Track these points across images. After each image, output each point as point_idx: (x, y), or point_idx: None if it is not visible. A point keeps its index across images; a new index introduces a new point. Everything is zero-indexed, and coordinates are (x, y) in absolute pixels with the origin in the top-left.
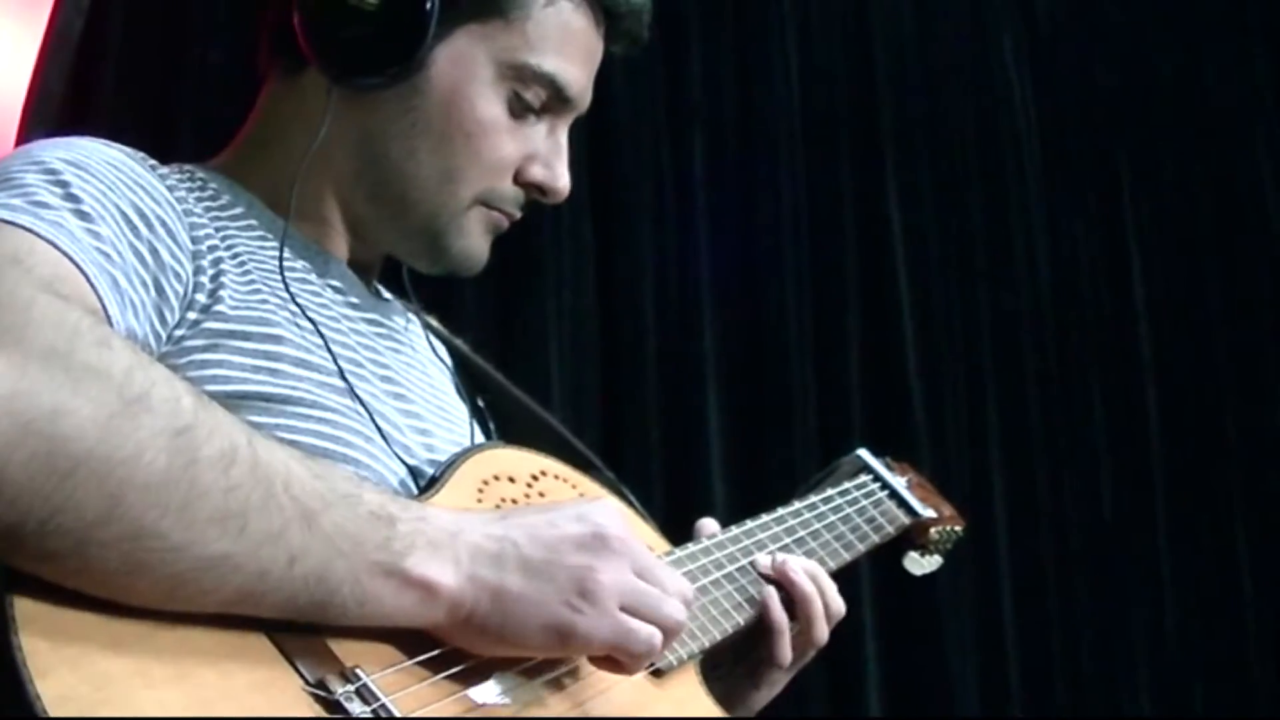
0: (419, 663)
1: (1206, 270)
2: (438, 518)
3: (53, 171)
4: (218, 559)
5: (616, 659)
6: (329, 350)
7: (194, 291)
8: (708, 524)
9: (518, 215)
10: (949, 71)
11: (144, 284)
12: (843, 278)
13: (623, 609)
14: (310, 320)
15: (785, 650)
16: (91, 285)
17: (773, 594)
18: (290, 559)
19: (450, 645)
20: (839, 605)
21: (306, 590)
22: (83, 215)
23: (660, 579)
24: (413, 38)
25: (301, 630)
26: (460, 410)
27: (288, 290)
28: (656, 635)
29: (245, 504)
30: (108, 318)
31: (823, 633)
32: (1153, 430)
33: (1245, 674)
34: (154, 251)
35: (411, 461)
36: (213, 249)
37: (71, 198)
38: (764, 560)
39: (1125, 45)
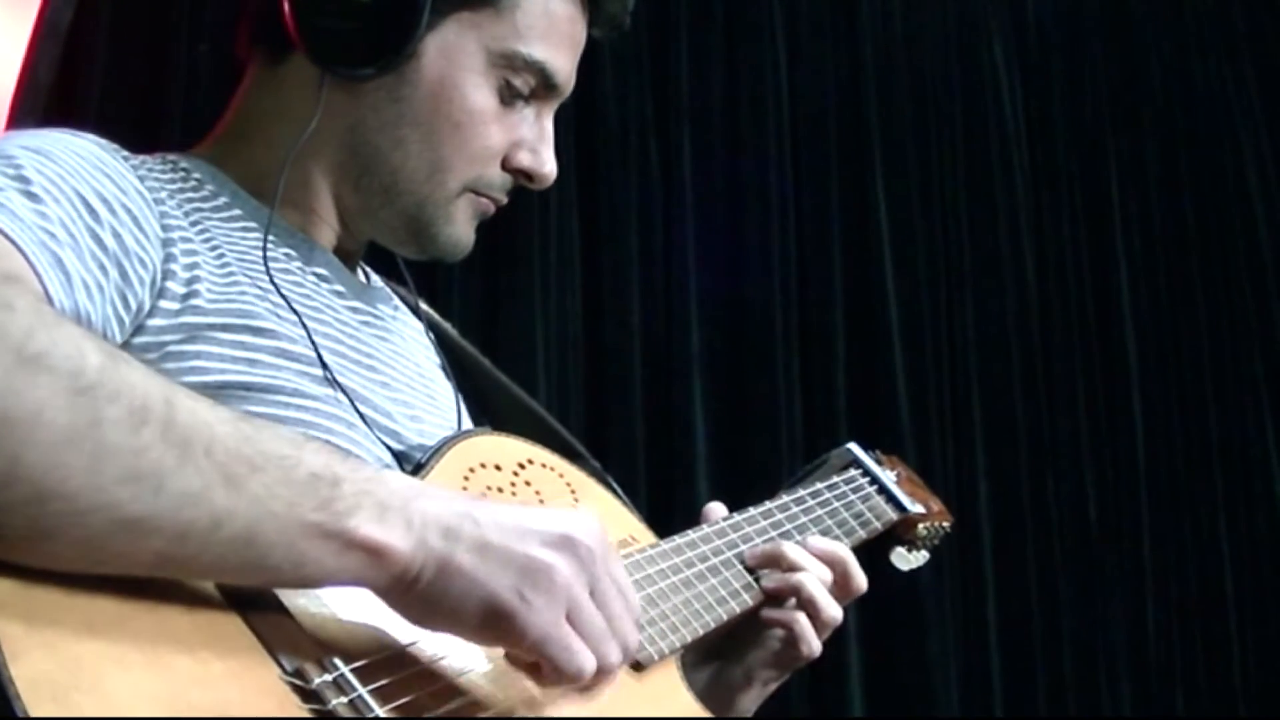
0: (397, 653)
1: (1192, 275)
2: (394, 480)
3: (9, 157)
4: (130, 522)
5: (541, 668)
6: (310, 340)
7: (164, 279)
8: (715, 508)
9: (504, 201)
10: (938, 73)
11: (101, 267)
12: (829, 278)
13: (568, 621)
14: (295, 312)
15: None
16: (29, 261)
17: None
18: (214, 522)
19: (396, 612)
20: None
21: (235, 553)
22: (31, 196)
23: (612, 612)
24: (406, 27)
25: (276, 614)
26: (447, 396)
27: (270, 280)
28: (591, 664)
29: (158, 466)
30: (47, 295)
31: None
32: (1137, 433)
33: (1227, 676)
34: (116, 235)
35: (399, 447)
36: (185, 240)
37: (22, 179)
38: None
39: (1114, 50)
